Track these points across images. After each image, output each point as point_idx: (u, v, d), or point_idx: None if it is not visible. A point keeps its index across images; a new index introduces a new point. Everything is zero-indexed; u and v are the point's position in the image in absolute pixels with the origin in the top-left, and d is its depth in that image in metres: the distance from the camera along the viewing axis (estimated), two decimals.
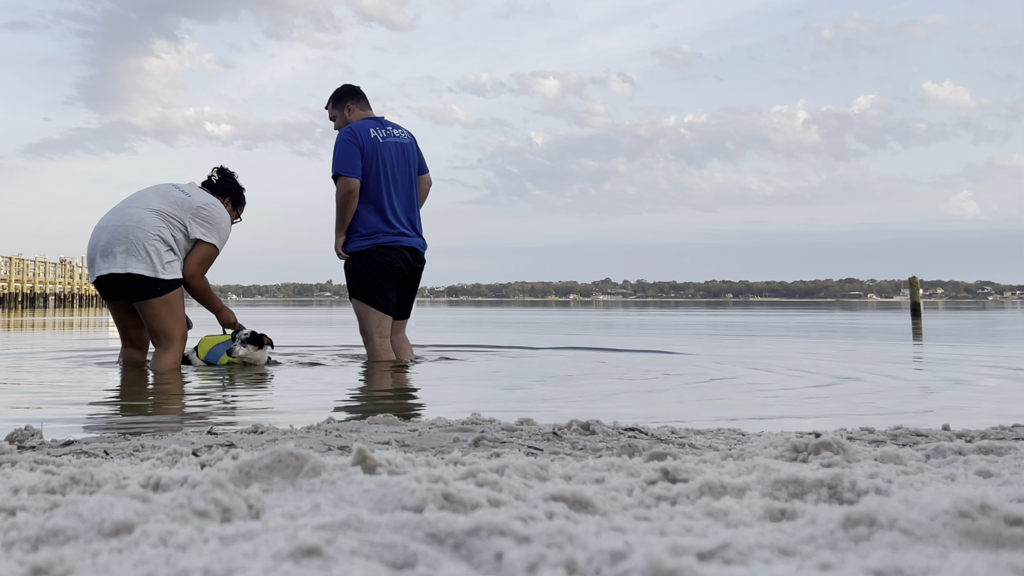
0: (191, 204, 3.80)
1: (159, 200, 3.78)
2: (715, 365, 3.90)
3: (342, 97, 4.23)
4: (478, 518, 0.69)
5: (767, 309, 26.42)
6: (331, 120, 4.27)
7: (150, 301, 3.68)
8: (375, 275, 4.03)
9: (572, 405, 2.51)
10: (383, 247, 4.04)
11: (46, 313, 20.68)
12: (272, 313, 18.41)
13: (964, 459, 1.18)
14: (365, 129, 4.06)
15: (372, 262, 4.03)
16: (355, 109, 4.21)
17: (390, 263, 4.05)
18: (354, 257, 4.07)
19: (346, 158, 3.98)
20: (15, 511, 0.78)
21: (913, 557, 0.62)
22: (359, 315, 4.10)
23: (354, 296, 4.11)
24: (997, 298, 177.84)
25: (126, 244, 3.65)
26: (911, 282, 14.82)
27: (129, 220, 3.69)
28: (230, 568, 0.60)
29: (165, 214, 3.73)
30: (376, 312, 4.05)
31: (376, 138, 4.06)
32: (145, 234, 3.66)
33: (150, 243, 3.66)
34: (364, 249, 4.03)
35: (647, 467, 1.03)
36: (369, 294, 4.05)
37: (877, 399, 2.61)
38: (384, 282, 4.05)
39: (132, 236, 3.65)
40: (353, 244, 4.06)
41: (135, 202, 3.80)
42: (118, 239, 3.66)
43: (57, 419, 2.14)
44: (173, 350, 3.76)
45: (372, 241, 4.03)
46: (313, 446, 1.47)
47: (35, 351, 5.09)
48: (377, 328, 4.06)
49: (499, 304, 53.70)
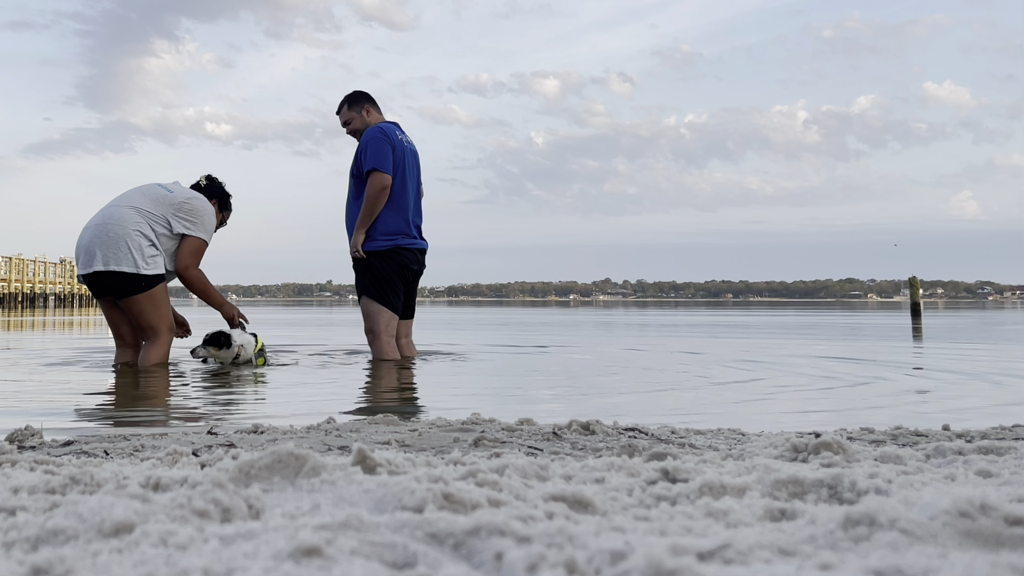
0: (172, 200, 3.85)
1: (140, 198, 3.84)
2: (715, 365, 3.90)
3: (360, 100, 4.27)
4: (478, 518, 0.69)
5: (767, 309, 26.43)
6: (345, 124, 4.29)
7: (135, 297, 3.74)
8: (391, 275, 4.08)
9: (572, 405, 2.51)
10: (403, 248, 4.09)
11: (46, 313, 20.69)
12: (273, 313, 18.42)
13: (964, 459, 1.18)
14: (392, 130, 4.12)
15: (391, 262, 4.07)
16: (373, 112, 4.27)
17: (407, 264, 4.11)
18: (372, 256, 4.07)
19: (381, 155, 4.01)
20: (15, 511, 0.78)
21: (913, 557, 0.62)
22: (368, 313, 4.11)
23: (365, 294, 4.11)
24: (997, 298, 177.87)
25: (107, 242, 3.70)
26: (911, 282, 14.82)
27: (110, 219, 3.75)
28: (230, 568, 0.60)
29: (146, 211, 3.79)
30: (387, 311, 4.08)
31: (401, 140, 4.13)
32: (125, 231, 3.72)
33: (131, 240, 3.72)
34: (384, 249, 4.07)
35: (647, 467, 1.03)
36: (383, 293, 4.07)
37: (877, 399, 2.61)
38: (397, 283, 4.10)
39: (113, 234, 3.71)
40: (372, 243, 4.07)
41: (118, 201, 3.86)
42: (99, 237, 3.72)
43: (57, 419, 2.14)
44: (160, 343, 3.82)
45: (393, 242, 4.07)
46: (313, 446, 1.47)
47: (34, 351, 5.09)
48: (386, 327, 4.09)
49: (499, 304, 53.70)
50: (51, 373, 3.52)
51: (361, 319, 4.20)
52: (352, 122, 4.26)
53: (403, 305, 4.20)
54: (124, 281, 3.72)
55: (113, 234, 3.71)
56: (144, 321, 3.79)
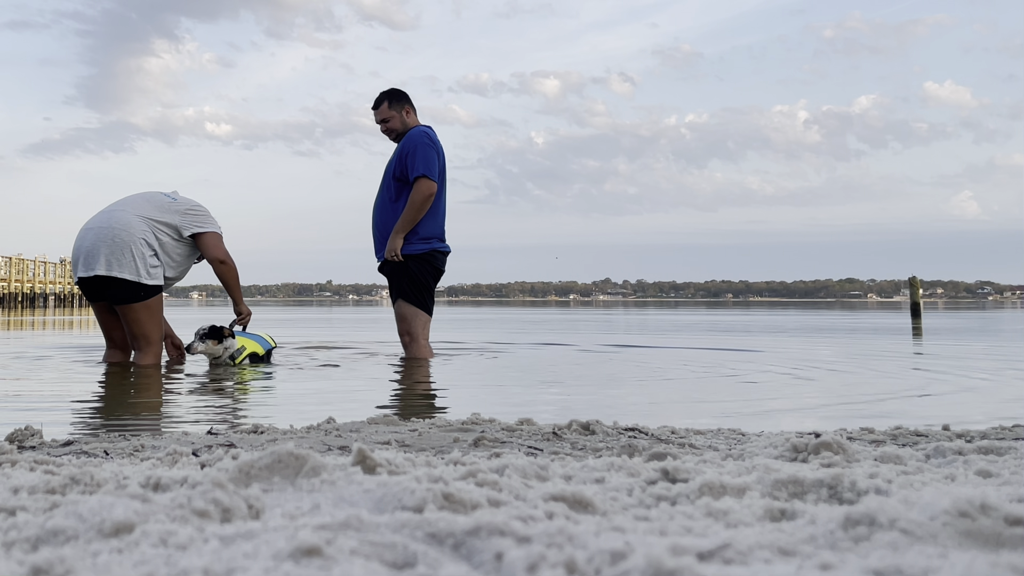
0: (179, 207, 3.88)
1: (146, 205, 3.83)
2: (715, 364, 3.90)
3: (401, 99, 4.23)
4: (478, 518, 0.69)
5: (767, 309, 26.44)
6: (382, 121, 4.22)
7: (132, 305, 3.73)
8: (429, 280, 4.11)
9: (572, 405, 2.51)
10: (439, 252, 4.14)
11: (46, 313, 20.69)
12: (273, 313, 18.41)
13: (964, 459, 1.18)
14: (435, 136, 4.12)
15: (429, 267, 4.10)
16: (412, 114, 4.25)
17: (440, 268, 4.16)
18: (410, 260, 4.07)
19: (430, 161, 4.00)
20: (15, 511, 0.78)
21: (913, 557, 0.62)
22: (406, 316, 4.11)
23: (402, 298, 4.11)
24: (997, 298, 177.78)
25: (111, 247, 3.69)
26: (911, 282, 14.81)
27: (116, 223, 3.73)
28: (230, 568, 0.60)
29: (151, 220, 3.79)
30: (423, 315, 4.12)
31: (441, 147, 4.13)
32: (132, 238, 3.71)
33: (136, 248, 3.71)
34: (422, 253, 4.08)
35: (647, 467, 1.03)
36: (422, 298, 4.10)
37: (877, 399, 2.61)
38: (433, 287, 4.15)
39: (118, 239, 3.69)
40: (410, 247, 4.06)
41: (122, 206, 3.84)
42: (103, 242, 3.70)
43: (57, 419, 2.14)
44: (152, 353, 3.83)
45: (430, 245, 4.09)
46: (313, 446, 1.47)
47: (34, 350, 5.08)
48: (423, 330, 4.13)
49: (499, 304, 53.72)
50: (50, 373, 3.52)
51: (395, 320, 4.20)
52: (391, 121, 4.21)
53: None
54: (124, 288, 3.71)
55: (120, 240, 3.69)
56: (138, 330, 3.78)
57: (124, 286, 3.70)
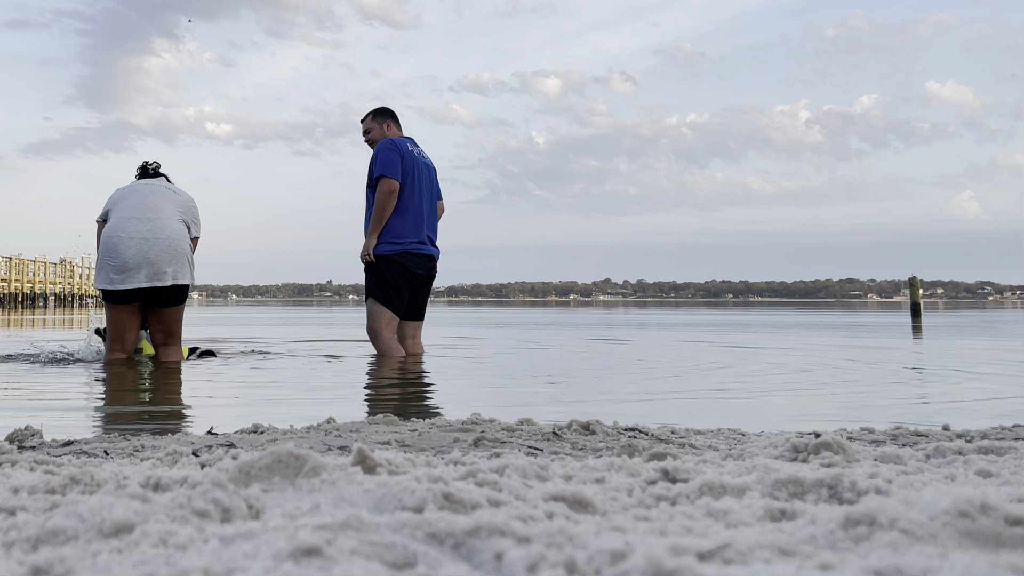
0: (186, 204, 4.09)
1: (172, 206, 4.01)
2: (715, 364, 3.90)
3: (384, 114, 4.58)
4: (478, 518, 0.69)
5: (767, 309, 26.42)
6: (365, 133, 4.57)
7: (179, 306, 4.00)
8: (395, 279, 4.29)
9: (572, 405, 2.51)
10: (409, 253, 4.31)
11: (46, 312, 20.68)
12: (273, 312, 18.41)
13: (964, 459, 1.17)
14: (404, 142, 4.38)
15: (396, 267, 4.29)
16: (392, 127, 4.56)
17: (411, 269, 4.31)
18: (380, 260, 4.30)
19: (389, 163, 4.27)
20: (15, 511, 0.78)
21: (913, 557, 0.62)
22: (371, 313, 4.33)
23: (370, 296, 4.34)
24: (997, 298, 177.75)
25: (174, 256, 3.88)
26: (911, 282, 14.81)
27: (173, 233, 3.92)
28: (230, 568, 0.60)
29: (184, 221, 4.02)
30: (387, 312, 4.31)
31: (412, 152, 4.37)
32: (186, 245, 3.96)
33: (188, 253, 3.97)
34: (390, 254, 4.29)
35: (647, 467, 1.03)
36: (386, 296, 4.30)
37: (877, 399, 2.61)
38: (401, 286, 4.31)
39: (180, 249, 3.91)
40: (381, 247, 4.30)
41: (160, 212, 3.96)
42: (170, 253, 3.87)
43: (57, 419, 2.14)
44: (178, 345, 4.10)
45: (400, 246, 4.29)
46: (313, 446, 1.47)
47: (33, 351, 5.08)
48: (386, 326, 4.30)
49: (499, 304, 53.67)
50: (50, 372, 3.52)
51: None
52: (372, 132, 4.55)
53: (411, 307, 4.42)
54: (182, 292, 3.96)
55: (180, 250, 3.90)
56: (175, 327, 4.02)
57: (184, 290, 3.96)
